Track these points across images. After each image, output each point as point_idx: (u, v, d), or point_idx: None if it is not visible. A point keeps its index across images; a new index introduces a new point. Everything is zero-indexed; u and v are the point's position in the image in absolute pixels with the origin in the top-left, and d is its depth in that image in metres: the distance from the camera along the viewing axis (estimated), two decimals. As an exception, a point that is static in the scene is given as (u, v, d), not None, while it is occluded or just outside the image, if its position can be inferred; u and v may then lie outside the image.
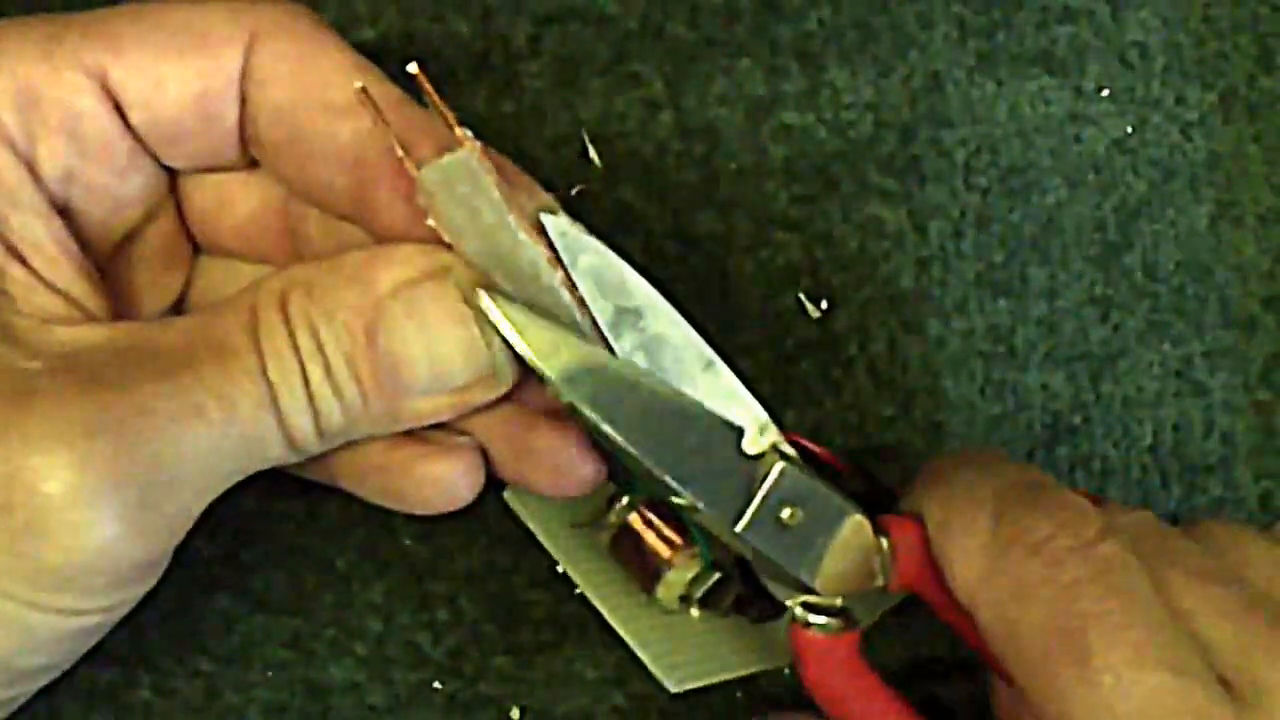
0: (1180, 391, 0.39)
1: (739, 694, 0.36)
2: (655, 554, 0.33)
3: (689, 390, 0.29)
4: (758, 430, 0.30)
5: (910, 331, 0.38)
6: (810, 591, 0.30)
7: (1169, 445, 0.38)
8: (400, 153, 0.27)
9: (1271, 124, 0.39)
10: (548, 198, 0.30)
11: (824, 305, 0.38)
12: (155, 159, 0.30)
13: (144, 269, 0.32)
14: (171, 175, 0.31)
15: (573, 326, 0.28)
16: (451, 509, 0.30)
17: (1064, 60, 0.39)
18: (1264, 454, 0.39)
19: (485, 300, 0.27)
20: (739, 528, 0.29)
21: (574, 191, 0.37)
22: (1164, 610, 0.27)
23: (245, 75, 0.29)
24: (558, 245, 0.28)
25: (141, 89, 0.28)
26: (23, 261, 0.28)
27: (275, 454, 0.28)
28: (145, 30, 0.28)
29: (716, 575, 0.33)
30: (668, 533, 0.33)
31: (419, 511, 0.31)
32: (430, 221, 0.28)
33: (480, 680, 0.36)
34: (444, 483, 0.30)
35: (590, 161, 0.38)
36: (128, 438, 0.26)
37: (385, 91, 0.29)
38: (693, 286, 0.35)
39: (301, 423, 0.28)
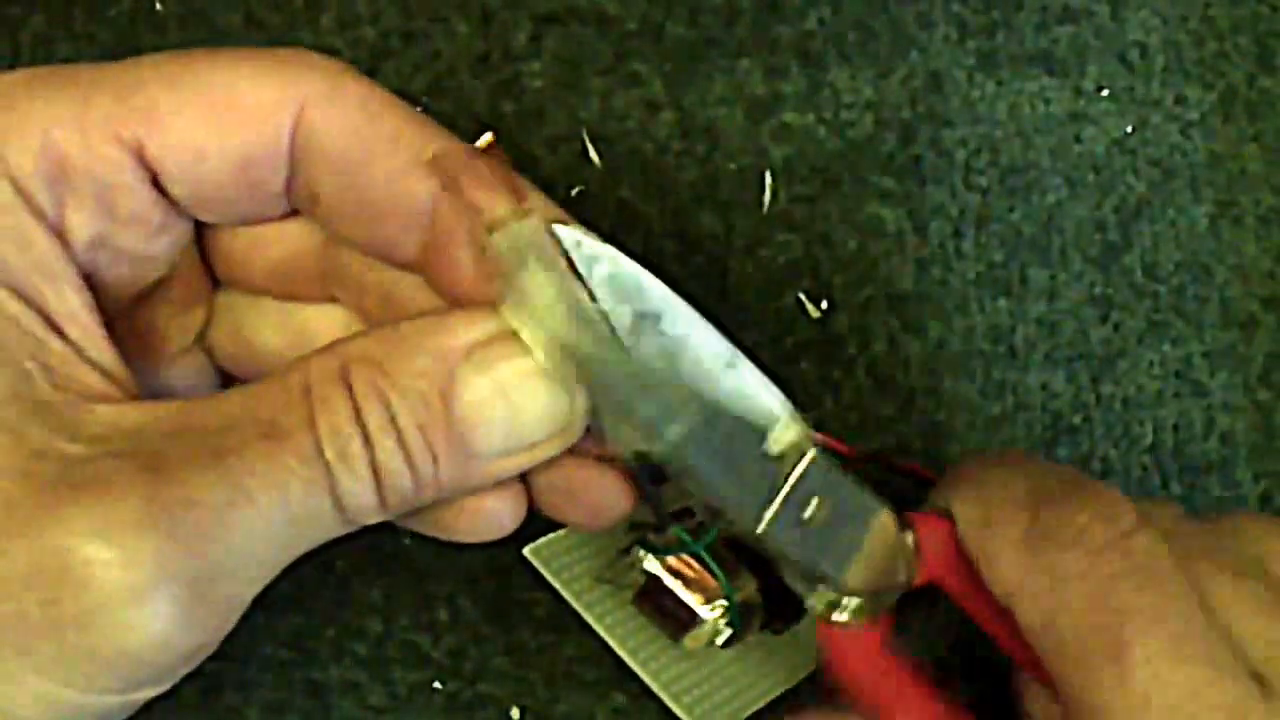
0: (1180, 391, 0.38)
1: (739, 694, 0.36)
2: (685, 605, 0.33)
3: (712, 391, 0.29)
4: (781, 428, 0.29)
5: (910, 331, 0.38)
6: (835, 587, 0.30)
7: (1169, 445, 0.38)
8: (472, 216, 0.27)
9: (1271, 124, 0.39)
10: (557, 210, 0.30)
11: (824, 305, 0.38)
12: (189, 217, 0.29)
13: (164, 312, 0.31)
14: (199, 222, 0.30)
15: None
16: (495, 539, 0.30)
17: (1064, 60, 0.39)
18: (1264, 454, 0.39)
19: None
20: (763, 526, 0.29)
21: (574, 192, 0.37)
22: (1198, 604, 0.27)
23: (299, 140, 0.28)
24: (573, 257, 0.28)
25: (182, 162, 0.27)
26: (61, 334, 0.27)
27: (329, 533, 0.27)
28: (184, 99, 0.27)
29: (740, 620, 0.33)
30: (696, 581, 0.33)
31: (461, 540, 0.30)
32: (497, 284, 0.28)
33: (480, 680, 0.36)
34: (491, 515, 0.29)
35: (590, 161, 0.38)
36: (177, 530, 0.25)
37: (451, 148, 0.28)
38: (693, 286, 0.34)
39: (363, 498, 0.27)
